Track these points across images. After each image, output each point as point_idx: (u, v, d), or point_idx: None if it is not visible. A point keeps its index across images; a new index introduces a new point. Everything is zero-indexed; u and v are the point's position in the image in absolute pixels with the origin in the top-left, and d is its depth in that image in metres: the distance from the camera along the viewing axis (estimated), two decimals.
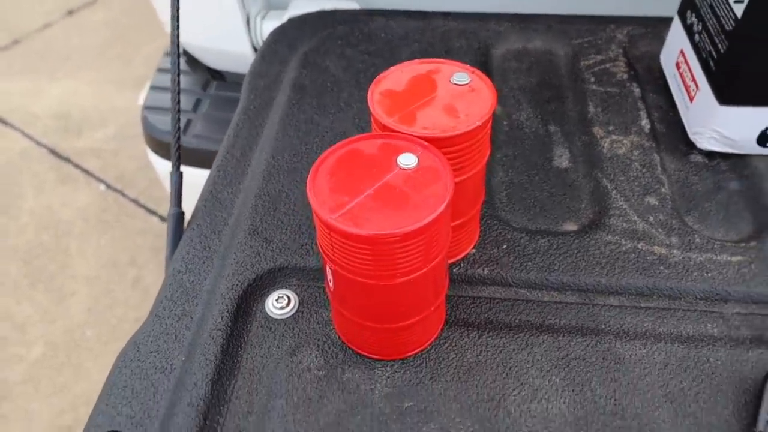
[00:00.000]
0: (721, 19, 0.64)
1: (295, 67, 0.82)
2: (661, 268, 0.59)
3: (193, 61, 1.07)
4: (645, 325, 0.56)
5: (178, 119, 0.66)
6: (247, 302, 0.58)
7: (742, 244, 0.61)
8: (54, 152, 2.05)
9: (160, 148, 0.98)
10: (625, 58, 0.81)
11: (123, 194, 1.93)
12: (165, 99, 1.02)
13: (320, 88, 0.78)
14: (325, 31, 0.87)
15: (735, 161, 0.70)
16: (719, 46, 0.64)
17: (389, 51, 0.83)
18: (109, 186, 1.96)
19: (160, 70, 1.07)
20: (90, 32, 2.45)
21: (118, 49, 2.39)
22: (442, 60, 0.54)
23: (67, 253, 1.82)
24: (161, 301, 0.59)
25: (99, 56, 2.35)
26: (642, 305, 0.58)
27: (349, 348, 0.54)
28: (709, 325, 0.56)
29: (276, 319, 0.57)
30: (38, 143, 2.07)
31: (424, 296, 0.49)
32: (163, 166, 1.00)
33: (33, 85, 2.25)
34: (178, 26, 0.66)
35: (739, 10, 0.60)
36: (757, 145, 0.67)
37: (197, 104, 1.00)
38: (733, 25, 0.61)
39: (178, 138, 0.66)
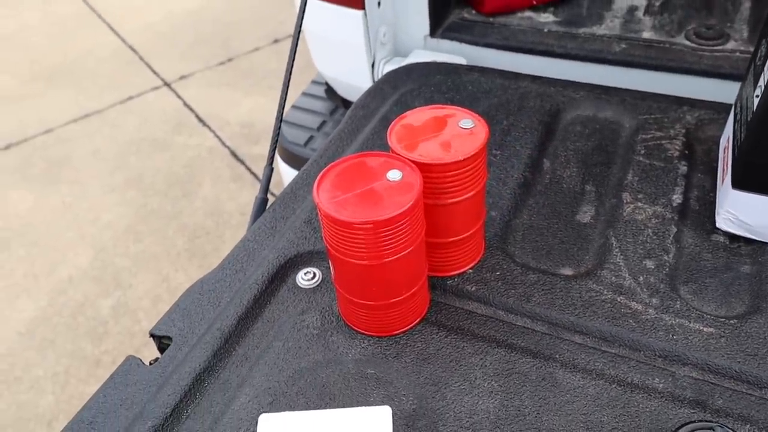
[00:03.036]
0: (748, 110, 0.69)
1: (389, 104, 1.00)
2: (631, 321, 0.66)
3: (330, 91, 1.31)
4: (596, 365, 0.64)
5: (279, 127, 0.87)
6: (284, 271, 0.76)
7: (722, 319, 0.66)
8: (234, 154, 2.46)
9: (285, 154, 1.22)
10: (686, 138, 0.87)
11: (272, 193, 2.26)
12: (300, 117, 1.27)
13: None
14: (425, 78, 1.04)
15: (756, 248, 0.73)
16: (743, 134, 0.70)
17: (469, 101, 0.97)
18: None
19: (304, 94, 1.33)
20: (287, 59, 2.88)
21: (305, 76, 2.79)
22: (460, 108, 0.68)
23: (221, 239, 2.17)
24: (228, 258, 0.79)
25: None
26: (601, 348, 0.65)
27: (342, 319, 0.70)
28: (657, 380, 0.62)
29: (300, 288, 0.74)
30: (223, 144, 2.50)
31: (395, 283, 0.63)
32: (285, 170, 1.24)
33: (232, 97, 2.72)
34: (292, 63, 0.87)
35: (756, 103, 0.66)
36: None
37: (322, 125, 1.23)
38: (751, 115, 0.67)
39: (276, 140, 0.87)
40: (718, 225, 0.74)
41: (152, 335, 0.73)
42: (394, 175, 0.60)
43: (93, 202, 2.30)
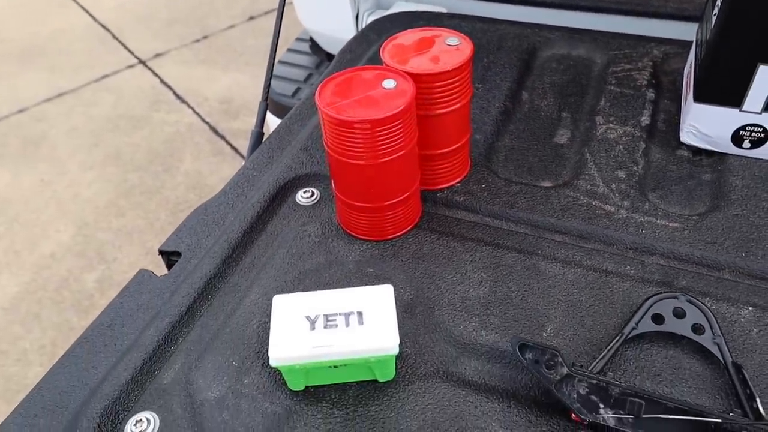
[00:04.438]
0: (707, 32, 0.78)
1: (374, 49, 1.07)
2: (605, 220, 0.75)
3: (314, 45, 1.38)
4: (574, 257, 0.72)
5: (271, 71, 0.93)
6: (284, 191, 0.83)
7: (686, 216, 0.74)
8: (214, 129, 2.50)
9: (273, 106, 1.28)
10: (653, 69, 0.96)
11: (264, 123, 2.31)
12: (287, 71, 1.33)
13: None
14: (408, 25, 1.11)
15: (716, 159, 0.82)
16: (702, 54, 0.78)
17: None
18: None
19: (290, 50, 1.39)
20: (263, 35, 2.93)
21: (290, 33, 2.85)
22: (446, 29, 0.76)
23: None
24: (230, 184, 0.86)
25: (265, 55, 2.80)
26: (579, 245, 0.73)
27: (341, 228, 0.77)
28: (628, 267, 0.70)
29: (300, 205, 0.81)
30: (203, 120, 2.54)
31: (390, 185, 0.70)
32: (273, 120, 1.30)
33: (209, 73, 2.75)
34: (281, 18, 0.94)
35: (713, 22, 0.75)
36: (732, 145, 0.79)
37: (308, 77, 1.30)
38: (709, 35, 0.76)
39: (270, 78, 0.93)
40: (682, 139, 0.82)
41: (161, 252, 0.79)
42: (388, 83, 0.67)
43: (72, 178, 2.33)
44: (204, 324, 0.68)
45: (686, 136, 0.82)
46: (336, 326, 0.58)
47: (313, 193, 0.82)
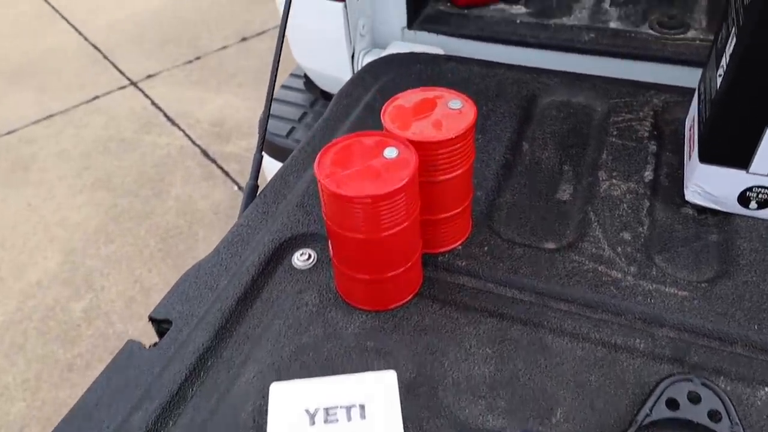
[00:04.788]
0: (712, 90, 0.75)
1: (372, 93, 1.03)
2: (612, 288, 0.71)
3: (309, 83, 1.34)
4: (581, 329, 0.68)
5: (268, 115, 0.89)
6: (280, 253, 0.78)
7: (695, 283, 0.71)
8: (205, 152, 2.45)
9: (268, 147, 1.24)
10: (654, 119, 0.93)
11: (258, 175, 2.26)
12: (281, 109, 1.29)
13: None
14: (405, 68, 1.08)
15: (721, 218, 0.79)
16: (707, 112, 0.75)
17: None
18: (240, 188, 2.30)
19: (284, 86, 1.35)
20: (256, 57, 2.89)
21: (284, 69, 2.80)
22: (448, 90, 0.72)
23: (195, 238, 2.16)
24: (223, 242, 0.81)
25: (258, 77, 2.76)
26: (586, 314, 0.69)
27: (340, 296, 0.72)
28: (638, 340, 0.67)
29: (297, 269, 0.77)
30: (194, 143, 2.49)
31: (392, 257, 0.66)
32: (266, 160, 1.26)
33: (201, 95, 2.71)
34: (279, 53, 0.90)
35: (719, 82, 0.71)
36: (738, 205, 0.76)
37: (303, 116, 1.26)
38: (714, 94, 0.73)
39: (265, 128, 0.89)
40: (687, 198, 0.79)
41: (151, 319, 0.74)
42: (390, 152, 0.63)
43: (60, 203, 2.27)
44: (196, 405, 0.64)
45: (691, 196, 0.79)
46: (337, 421, 0.54)
47: (310, 256, 0.78)
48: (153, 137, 2.53)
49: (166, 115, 2.62)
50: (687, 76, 0.99)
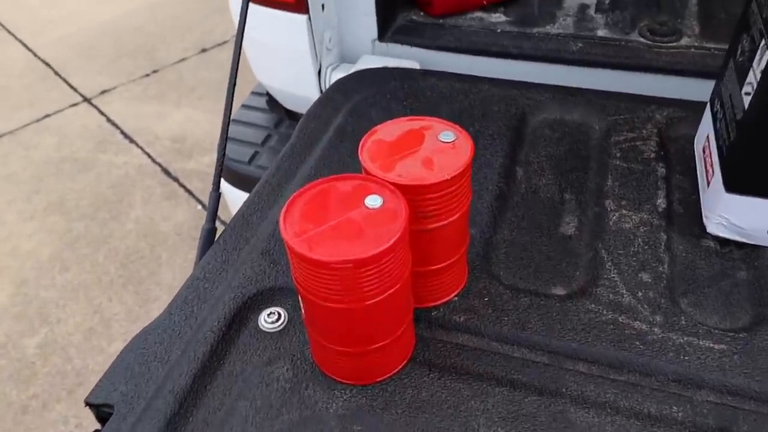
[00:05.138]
0: (735, 108, 0.64)
1: (343, 115, 0.90)
2: (637, 343, 0.59)
3: (272, 101, 1.20)
4: (607, 395, 0.56)
5: (224, 146, 0.75)
6: (244, 312, 0.65)
7: (731, 334, 0.60)
8: (166, 170, 2.29)
9: (227, 174, 1.10)
10: (659, 137, 0.82)
11: (219, 219, 2.10)
12: (242, 132, 1.15)
13: (358, 136, 0.85)
14: (379, 86, 0.95)
15: (748, 251, 0.68)
16: (731, 134, 0.64)
17: (430, 108, 0.89)
18: (205, 207, 2.14)
19: (244, 106, 1.21)
20: (216, 68, 2.73)
21: (244, 87, 2.64)
22: (436, 119, 0.59)
23: (158, 262, 2.00)
24: (176, 301, 0.67)
25: (219, 90, 2.60)
26: (609, 377, 0.58)
27: (317, 367, 0.59)
28: (675, 408, 0.55)
29: (264, 332, 0.63)
30: (154, 161, 2.32)
31: (379, 326, 0.53)
32: (228, 190, 1.11)
33: (160, 110, 2.53)
34: (236, 72, 0.76)
35: (747, 101, 0.61)
36: None
37: (267, 139, 1.12)
38: (742, 114, 0.62)
39: (221, 162, 0.75)
40: (709, 230, 0.68)
41: (88, 404, 0.60)
42: (373, 201, 0.51)
43: (10, 230, 2.08)
44: None
45: (715, 228, 0.68)
46: None
47: (279, 316, 0.64)
48: (109, 156, 2.35)
49: (122, 132, 2.44)
50: (688, 88, 0.89)
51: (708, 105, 0.75)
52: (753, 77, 0.61)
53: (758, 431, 0.53)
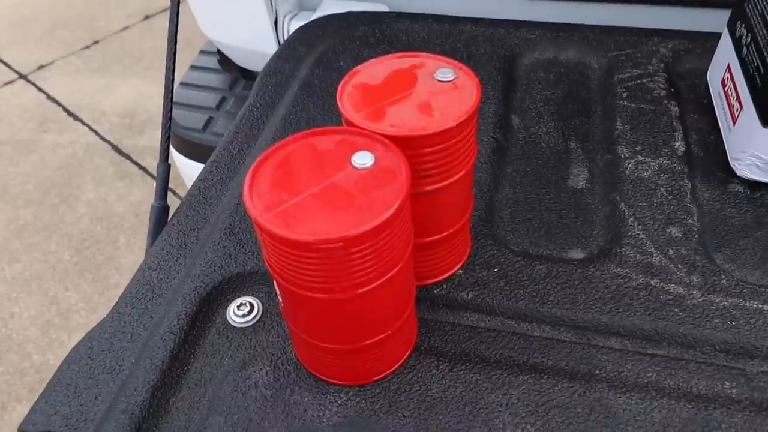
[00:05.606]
0: (765, 35, 0.54)
1: (308, 67, 0.77)
2: (676, 310, 0.50)
3: (225, 60, 1.05)
4: (648, 375, 0.47)
5: (170, 110, 0.62)
6: (209, 306, 0.53)
7: None
8: (116, 148, 2.11)
9: (179, 143, 0.96)
10: (666, 73, 0.72)
11: (174, 193, 1.95)
12: (192, 96, 1.01)
13: (328, 89, 0.73)
14: (346, 32, 0.82)
15: None
16: (765, 60, 0.54)
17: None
18: None
19: (193, 68, 1.06)
20: (162, 36, 2.52)
21: (186, 54, 2.45)
22: (428, 54, 0.48)
23: (115, 246, 1.85)
24: (125, 297, 0.55)
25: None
26: (648, 351, 0.48)
27: (304, 367, 0.48)
28: (727, 384, 0.46)
29: (235, 328, 0.52)
30: (102, 138, 2.14)
31: (375, 318, 0.42)
32: (182, 163, 0.98)
33: (105, 83, 2.33)
34: (176, 23, 0.63)
35: None
36: None
37: (222, 102, 0.98)
38: None
39: (168, 129, 0.62)
40: (739, 173, 0.59)
41: None
42: (362, 159, 0.39)
43: None
44: None
45: (747, 169, 0.58)
46: None
47: (251, 307, 0.53)
48: (53, 136, 2.15)
49: (65, 110, 2.24)
50: (692, 18, 0.79)
51: (726, 32, 0.65)
52: None
53: None
